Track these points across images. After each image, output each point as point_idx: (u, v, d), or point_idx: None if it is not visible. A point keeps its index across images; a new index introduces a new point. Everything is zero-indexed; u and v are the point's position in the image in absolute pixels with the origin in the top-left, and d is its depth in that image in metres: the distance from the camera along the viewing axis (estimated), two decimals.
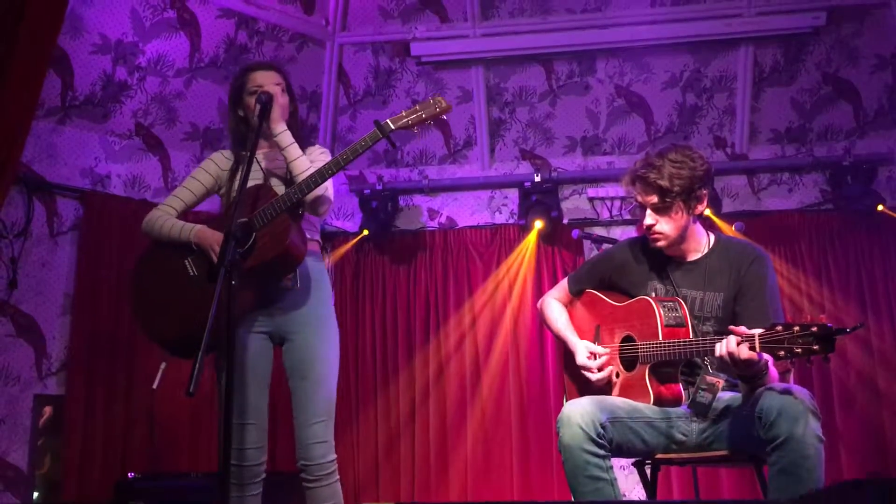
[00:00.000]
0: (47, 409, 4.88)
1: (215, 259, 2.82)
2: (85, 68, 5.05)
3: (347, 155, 2.79)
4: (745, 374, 2.44)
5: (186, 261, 2.94)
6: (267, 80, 3.04)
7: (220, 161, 3.15)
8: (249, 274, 2.74)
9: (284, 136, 2.93)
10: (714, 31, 5.65)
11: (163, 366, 2.94)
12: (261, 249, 2.77)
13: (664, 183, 2.63)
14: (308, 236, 3.02)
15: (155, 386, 2.89)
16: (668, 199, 2.66)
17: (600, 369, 2.77)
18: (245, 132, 3.06)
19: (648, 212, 2.71)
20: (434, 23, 5.85)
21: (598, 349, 2.80)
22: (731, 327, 2.41)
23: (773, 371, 2.49)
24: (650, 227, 2.71)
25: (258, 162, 3.02)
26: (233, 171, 3.07)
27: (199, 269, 2.92)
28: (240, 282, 2.58)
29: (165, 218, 3.01)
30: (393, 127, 2.80)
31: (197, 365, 2.33)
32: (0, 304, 4.78)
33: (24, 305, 4.88)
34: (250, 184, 2.84)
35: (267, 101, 2.91)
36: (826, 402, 5.35)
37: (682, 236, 2.73)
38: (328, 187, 2.93)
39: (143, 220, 3.04)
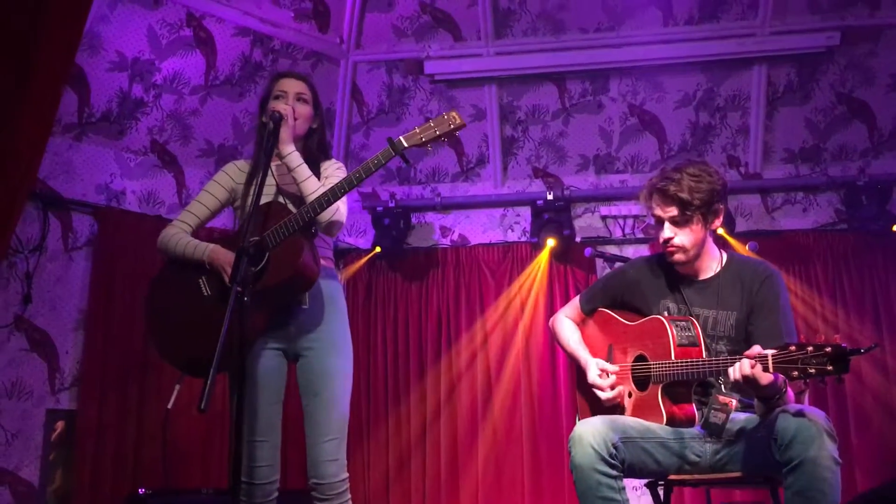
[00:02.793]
0: (59, 424, 4.89)
1: (227, 279, 2.79)
2: (102, 85, 5.09)
3: (360, 173, 2.73)
4: (761, 394, 2.42)
5: (200, 280, 2.92)
6: (291, 88, 3.02)
7: (233, 173, 3.11)
8: (262, 295, 2.72)
9: (293, 158, 2.89)
10: (727, 51, 5.65)
11: (177, 386, 2.93)
12: (273, 270, 2.75)
13: (685, 195, 2.63)
14: (321, 254, 3.01)
15: (170, 406, 2.88)
16: (688, 212, 2.65)
17: (611, 388, 2.75)
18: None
19: (667, 224, 2.69)
20: (448, 41, 5.88)
21: (610, 367, 2.79)
22: (746, 353, 2.39)
23: (790, 392, 2.47)
24: (668, 240, 2.70)
25: (273, 176, 3.00)
26: (248, 182, 3.02)
27: (212, 288, 2.89)
28: (252, 302, 2.56)
29: (180, 235, 2.98)
30: (406, 144, 2.74)
31: (208, 382, 2.32)
32: (14, 318, 4.81)
33: (38, 320, 4.90)
34: (263, 200, 2.82)
35: (278, 121, 2.90)
36: (842, 424, 5.30)
37: (699, 251, 2.73)
38: (341, 207, 2.89)
39: (159, 237, 3.01)
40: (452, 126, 2.75)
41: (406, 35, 5.87)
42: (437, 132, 2.74)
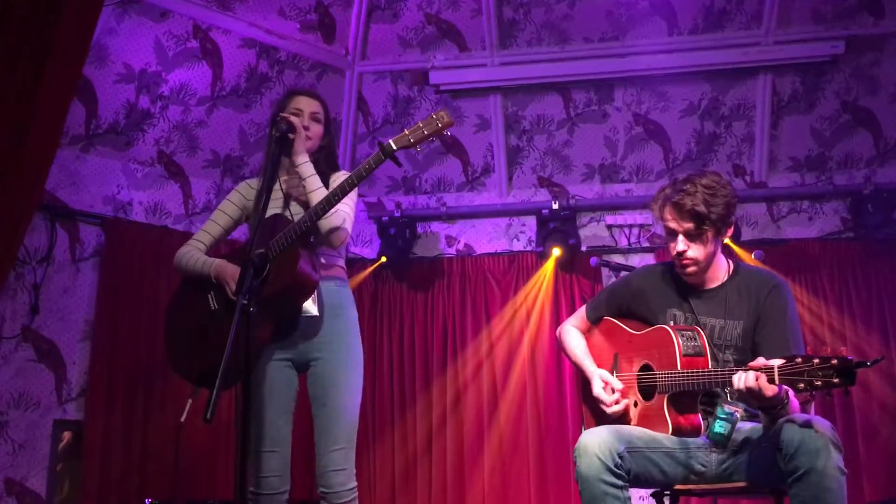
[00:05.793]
0: (66, 435, 4.90)
1: (230, 292, 2.87)
2: (109, 97, 5.12)
3: (352, 179, 2.76)
4: (765, 405, 2.41)
5: (209, 294, 2.99)
6: (307, 107, 3.08)
7: (245, 191, 3.20)
8: (265, 305, 2.73)
9: (305, 168, 2.94)
10: (732, 60, 5.66)
11: (190, 400, 2.97)
12: (272, 280, 2.77)
13: (702, 209, 2.60)
14: (331, 262, 3.03)
15: (183, 419, 2.91)
16: (704, 226, 2.63)
17: (616, 402, 2.75)
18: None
19: (680, 238, 2.66)
20: (453, 51, 5.90)
21: (615, 382, 2.78)
22: (751, 363, 2.38)
23: (795, 401, 2.46)
24: (682, 253, 2.67)
25: (280, 188, 3.04)
26: (258, 198, 3.07)
27: (219, 302, 2.97)
28: (258, 312, 2.59)
29: (192, 253, 3.07)
30: (395, 147, 2.73)
31: (214, 393, 2.34)
32: (22, 329, 4.83)
33: (45, 331, 4.92)
34: (272, 212, 2.89)
35: (287, 130, 2.93)
36: (849, 434, 5.27)
37: (710, 263, 2.72)
38: (345, 216, 2.92)
39: (175, 256, 3.10)
40: (441, 125, 2.71)
41: (411, 46, 5.89)
42: (426, 132, 2.72)
